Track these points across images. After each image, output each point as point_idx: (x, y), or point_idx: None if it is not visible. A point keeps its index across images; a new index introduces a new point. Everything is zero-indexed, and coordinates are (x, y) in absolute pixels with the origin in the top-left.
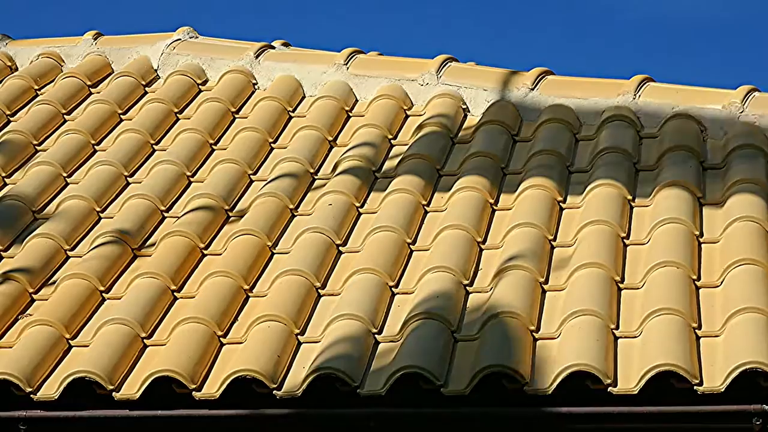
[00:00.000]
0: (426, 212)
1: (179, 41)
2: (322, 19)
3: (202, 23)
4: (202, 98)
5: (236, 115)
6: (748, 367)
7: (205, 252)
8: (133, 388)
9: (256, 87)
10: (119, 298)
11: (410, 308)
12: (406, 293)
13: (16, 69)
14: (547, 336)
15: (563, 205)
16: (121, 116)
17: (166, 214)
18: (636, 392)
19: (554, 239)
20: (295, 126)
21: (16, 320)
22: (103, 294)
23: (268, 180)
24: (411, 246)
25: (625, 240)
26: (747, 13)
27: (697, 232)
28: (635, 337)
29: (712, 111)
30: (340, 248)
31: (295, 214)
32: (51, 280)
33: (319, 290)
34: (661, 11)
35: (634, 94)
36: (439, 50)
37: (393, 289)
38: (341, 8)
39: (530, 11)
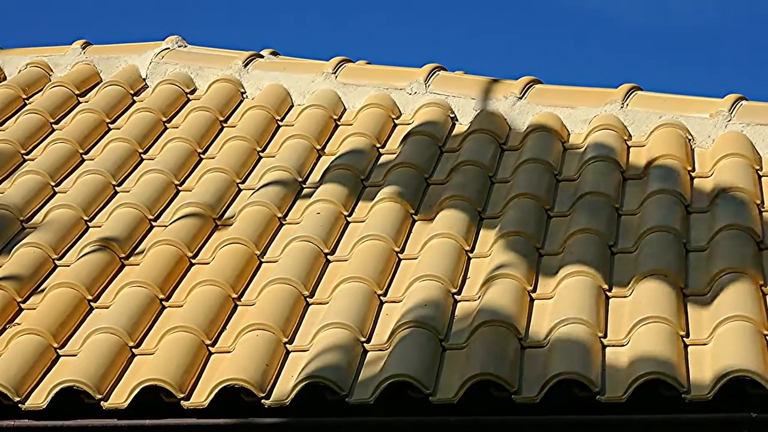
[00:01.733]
0: (414, 221)
1: (168, 50)
2: (311, 28)
3: (191, 32)
4: (191, 107)
5: (224, 124)
6: (735, 375)
7: (193, 261)
8: (121, 397)
9: (244, 96)
10: (107, 307)
11: (398, 317)
12: (395, 302)
13: (5, 78)
14: (535, 344)
15: (551, 213)
16: (110, 125)
17: (154, 223)
18: (624, 400)
19: (542, 247)
20: (284, 135)
21: (4, 329)
22: (91, 303)
23: (257, 189)
24: (399, 254)
25: (613, 248)
26: (737, 21)
27: (686, 240)
28: (623, 345)
29: (700, 120)
30: (329, 257)
31: (284, 222)
32: (39, 289)
33: (308, 299)
34: (655, 19)
35: (622, 103)
36: (428, 58)
37: (381, 297)
38: (330, 18)
39: (519, 20)
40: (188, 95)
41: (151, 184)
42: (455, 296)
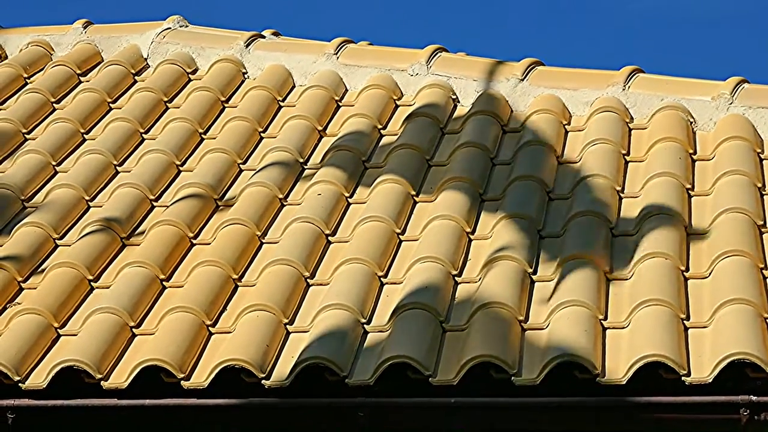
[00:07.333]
0: (415, 202)
1: (169, 30)
2: (312, 8)
3: (193, 12)
4: (192, 87)
5: (226, 105)
6: (735, 358)
7: (194, 241)
8: (121, 377)
9: (245, 76)
10: (108, 287)
11: (399, 298)
12: (395, 283)
13: (6, 57)
14: (535, 326)
15: (552, 196)
16: (111, 105)
17: (155, 203)
18: (624, 382)
19: (543, 230)
20: (285, 115)
21: (4, 309)
22: (92, 283)
23: (258, 169)
24: (400, 236)
25: (614, 231)
26: (737, 7)
27: (686, 224)
28: (624, 327)
29: (702, 102)
30: (329, 238)
31: (285, 203)
32: (40, 269)
33: (308, 280)
34: (661, 3)
35: (624, 85)
36: (430, 40)
37: (382, 279)
38: None
39: (523, 1)
40: (189, 75)
41: (152, 165)
42: (456, 278)
